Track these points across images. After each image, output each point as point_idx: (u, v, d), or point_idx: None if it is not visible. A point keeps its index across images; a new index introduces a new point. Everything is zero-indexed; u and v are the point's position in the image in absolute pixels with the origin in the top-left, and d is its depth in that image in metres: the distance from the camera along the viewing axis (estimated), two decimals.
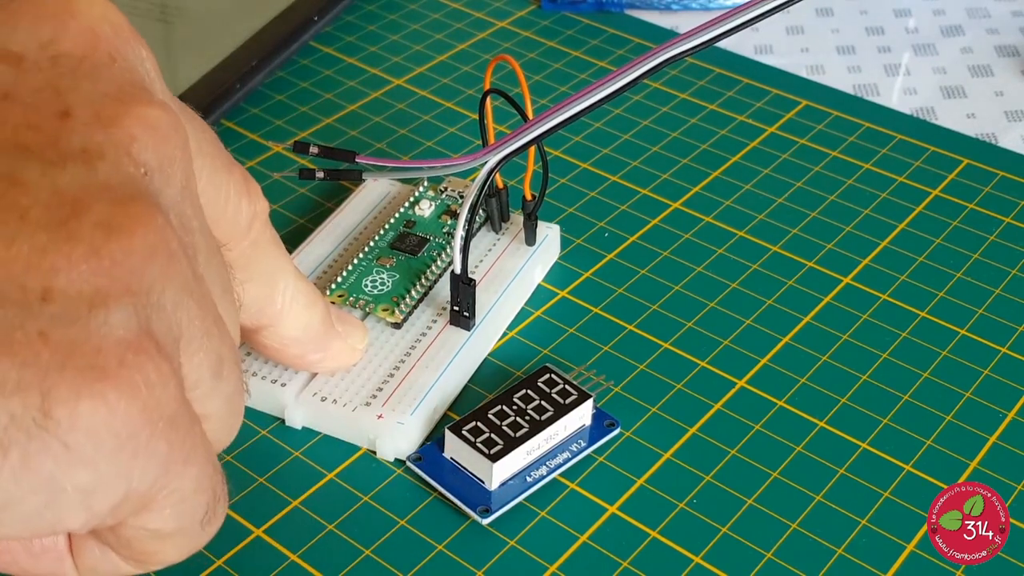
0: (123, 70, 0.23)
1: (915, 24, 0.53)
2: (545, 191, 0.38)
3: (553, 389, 0.33)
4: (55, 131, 0.21)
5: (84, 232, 0.20)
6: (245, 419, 0.34)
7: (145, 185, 0.22)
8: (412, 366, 0.34)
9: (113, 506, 0.21)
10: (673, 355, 0.36)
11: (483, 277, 0.37)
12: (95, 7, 0.23)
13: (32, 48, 0.22)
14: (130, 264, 0.20)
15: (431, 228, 0.38)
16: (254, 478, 0.32)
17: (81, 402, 0.19)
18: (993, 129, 0.46)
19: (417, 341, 0.35)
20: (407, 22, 0.52)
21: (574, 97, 0.33)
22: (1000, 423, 0.34)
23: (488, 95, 0.36)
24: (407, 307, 0.35)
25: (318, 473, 0.33)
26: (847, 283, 0.39)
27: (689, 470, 0.33)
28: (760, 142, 0.45)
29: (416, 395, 0.33)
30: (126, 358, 0.20)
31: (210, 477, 0.23)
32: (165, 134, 0.22)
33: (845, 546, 0.31)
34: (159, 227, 0.21)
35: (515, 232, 0.39)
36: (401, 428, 0.32)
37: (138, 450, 0.20)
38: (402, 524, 0.31)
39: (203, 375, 0.23)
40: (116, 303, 0.20)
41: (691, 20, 0.52)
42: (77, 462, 0.20)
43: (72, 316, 0.20)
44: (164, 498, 0.22)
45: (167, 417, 0.21)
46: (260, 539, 0.31)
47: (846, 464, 0.33)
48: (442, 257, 0.37)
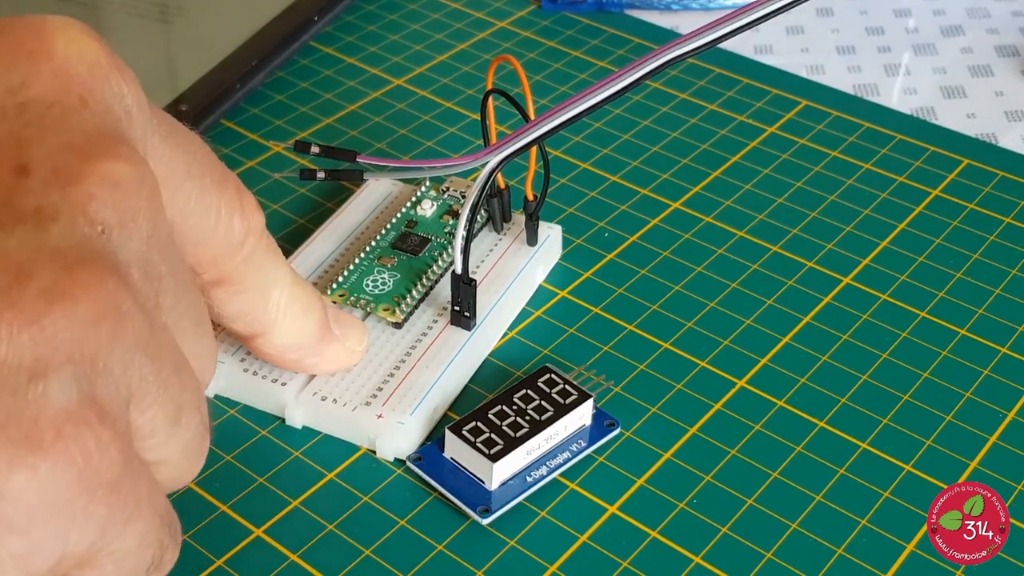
0: (94, 114, 0.22)
1: (915, 24, 0.53)
2: (547, 191, 0.38)
3: (553, 389, 0.33)
4: (10, 189, 0.21)
5: (26, 300, 0.20)
6: (245, 419, 0.34)
7: (100, 245, 0.21)
8: (412, 366, 0.34)
9: (50, 568, 0.21)
10: (673, 355, 0.36)
11: (484, 277, 0.37)
12: (72, 46, 0.23)
13: (0, 93, 0.22)
14: (72, 332, 0.20)
15: (433, 228, 0.38)
16: (254, 478, 0.32)
17: (13, 474, 0.19)
18: (993, 129, 0.46)
19: (418, 341, 0.35)
20: (407, 22, 0.52)
21: (576, 97, 0.33)
22: (1000, 423, 0.34)
23: (490, 95, 0.36)
24: (408, 307, 0.35)
25: (318, 473, 0.33)
26: (847, 283, 0.39)
27: (689, 470, 0.33)
28: (760, 142, 0.45)
29: (416, 395, 0.33)
30: (64, 429, 0.20)
31: (156, 530, 0.23)
32: (127, 189, 0.22)
33: (845, 546, 0.31)
34: (108, 291, 0.21)
35: (517, 232, 0.39)
36: (401, 428, 0.32)
37: (75, 516, 0.20)
38: (402, 524, 0.31)
39: (158, 425, 0.23)
40: (56, 373, 0.20)
41: (691, 20, 0.52)
42: (10, 530, 0.20)
43: (11, 387, 0.20)
44: (105, 557, 0.22)
45: (107, 483, 0.21)
46: (260, 539, 0.31)
47: (846, 464, 0.33)
48: (443, 257, 0.37)
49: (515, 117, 0.42)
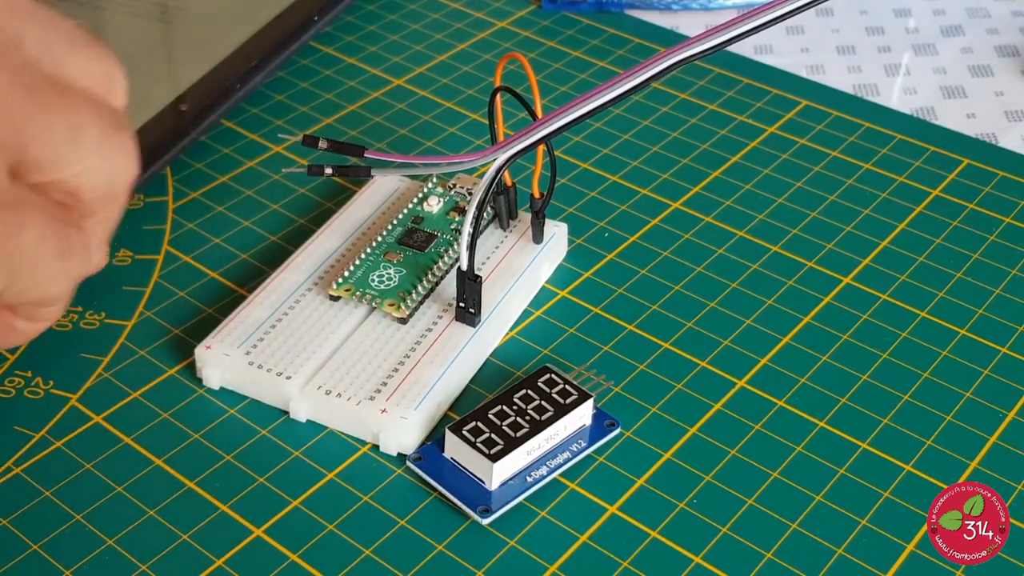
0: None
1: (915, 24, 0.53)
2: (553, 189, 0.38)
3: (553, 389, 0.33)
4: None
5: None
6: (245, 418, 0.34)
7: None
8: (417, 361, 0.34)
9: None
10: (673, 355, 0.36)
11: (490, 274, 0.37)
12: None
13: None
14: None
15: (439, 224, 0.38)
16: (254, 478, 0.32)
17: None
18: (993, 129, 0.46)
19: (423, 337, 0.35)
20: (407, 22, 0.52)
21: (584, 97, 0.33)
22: (1000, 423, 0.34)
23: (498, 92, 0.36)
24: (413, 302, 0.35)
25: (318, 473, 0.33)
26: (847, 283, 0.39)
27: (689, 470, 0.33)
28: (760, 142, 0.45)
29: (420, 390, 0.33)
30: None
31: None
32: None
33: (845, 546, 0.31)
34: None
35: (523, 230, 0.39)
36: (404, 423, 0.32)
37: None
38: (402, 524, 0.31)
39: None
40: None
41: (691, 20, 0.52)
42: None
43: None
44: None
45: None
46: (260, 539, 0.31)
47: (846, 464, 0.33)
48: (449, 253, 0.37)
49: (517, 116, 0.42)
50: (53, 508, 0.32)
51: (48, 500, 0.32)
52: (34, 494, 0.32)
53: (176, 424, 0.34)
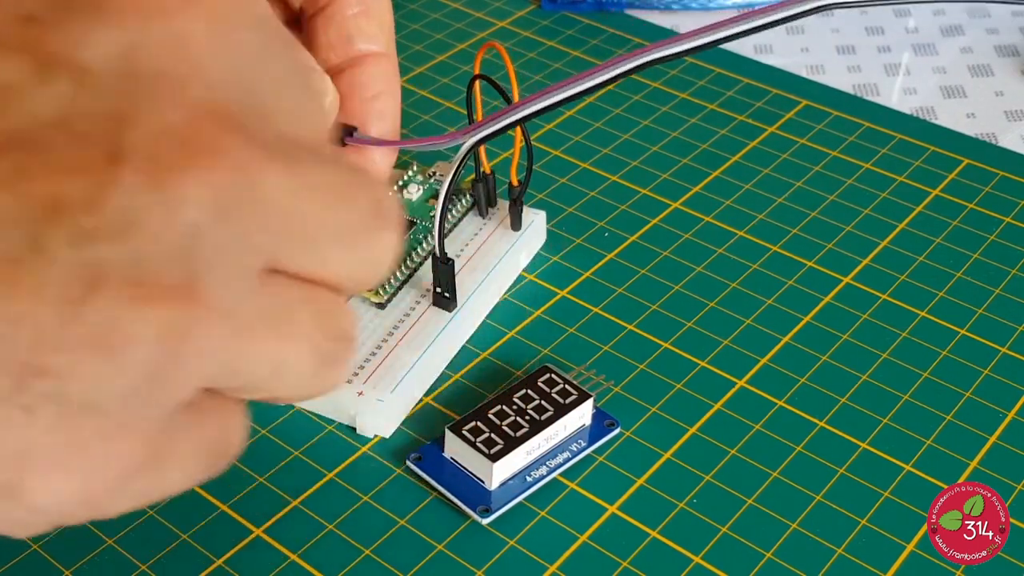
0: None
1: (915, 24, 0.53)
2: (530, 177, 0.38)
3: (553, 389, 0.33)
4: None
5: None
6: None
7: (187, 255, 0.18)
8: (394, 346, 0.34)
9: None
10: (673, 355, 0.36)
11: (468, 261, 0.37)
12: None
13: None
14: None
15: (418, 211, 0.39)
16: (254, 478, 0.32)
17: None
18: (993, 129, 0.46)
19: (400, 322, 0.35)
20: (407, 22, 0.52)
21: (558, 85, 0.32)
22: (1000, 423, 0.34)
23: (476, 80, 0.36)
24: (391, 288, 0.36)
25: (318, 473, 0.33)
26: (847, 283, 0.39)
27: (689, 470, 0.33)
28: (760, 142, 0.45)
29: (396, 374, 0.33)
30: None
31: None
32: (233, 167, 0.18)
33: (845, 546, 0.31)
34: None
35: (502, 217, 0.39)
36: (381, 405, 0.33)
37: None
38: (402, 524, 0.31)
39: None
40: None
41: (691, 20, 0.52)
42: None
43: None
44: None
45: None
46: (260, 539, 0.31)
47: (846, 464, 0.33)
48: (428, 240, 0.38)
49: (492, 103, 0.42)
50: None
51: None
52: None
53: None
